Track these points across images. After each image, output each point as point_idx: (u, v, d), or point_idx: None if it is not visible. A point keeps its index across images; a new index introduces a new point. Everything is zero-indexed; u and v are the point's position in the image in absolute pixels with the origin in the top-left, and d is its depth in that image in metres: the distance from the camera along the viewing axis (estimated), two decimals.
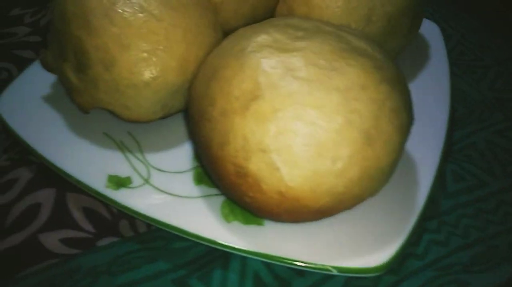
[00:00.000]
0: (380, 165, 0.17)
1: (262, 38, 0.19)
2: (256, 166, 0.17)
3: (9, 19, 0.35)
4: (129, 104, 0.23)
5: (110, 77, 0.22)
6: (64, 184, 0.23)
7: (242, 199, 0.19)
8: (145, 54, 0.21)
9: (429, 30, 0.34)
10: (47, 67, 0.25)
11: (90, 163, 0.23)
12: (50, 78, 0.27)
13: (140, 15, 0.22)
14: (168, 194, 0.22)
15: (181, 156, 0.24)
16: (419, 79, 0.30)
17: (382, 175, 0.18)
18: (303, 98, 0.17)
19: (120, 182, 0.22)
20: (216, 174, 0.19)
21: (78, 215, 0.22)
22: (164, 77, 0.22)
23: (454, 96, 0.31)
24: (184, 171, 0.23)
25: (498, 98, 0.31)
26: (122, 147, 0.24)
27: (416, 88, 0.29)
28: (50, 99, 0.26)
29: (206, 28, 0.24)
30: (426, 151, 0.24)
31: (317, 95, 0.17)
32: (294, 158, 0.17)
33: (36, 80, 0.27)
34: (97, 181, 0.22)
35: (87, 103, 0.23)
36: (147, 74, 0.22)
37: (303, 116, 0.17)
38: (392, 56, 0.28)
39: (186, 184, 0.22)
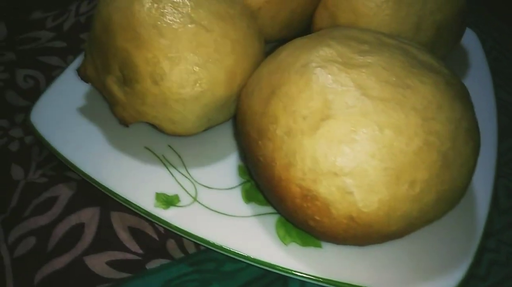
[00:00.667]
0: (456, 188, 0.17)
1: (325, 51, 0.18)
2: (326, 189, 0.16)
3: (30, 23, 0.34)
4: (176, 118, 0.22)
5: (159, 91, 0.20)
6: (107, 202, 0.22)
7: (305, 223, 0.18)
8: (196, 68, 0.20)
9: (467, 37, 0.33)
10: (86, 78, 0.23)
11: (135, 180, 0.22)
12: (84, 87, 0.26)
13: (190, 26, 0.21)
14: (218, 213, 0.21)
15: (226, 171, 0.23)
16: None
17: (456, 199, 0.17)
18: (379, 118, 0.16)
19: (168, 201, 0.21)
20: (277, 195, 0.18)
21: (124, 236, 0.21)
22: (212, 90, 0.21)
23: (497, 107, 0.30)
24: (232, 188, 0.22)
25: None
26: (165, 162, 0.23)
27: None
28: (85, 110, 0.25)
29: (252, 38, 0.23)
30: (479, 167, 0.23)
31: (394, 116, 0.16)
32: (370, 182, 0.16)
33: (70, 89, 0.26)
34: (145, 200, 0.21)
35: (130, 117, 0.22)
36: (197, 88, 0.21)
37: (380, 138, 0.16)
38: None
39: (235, 202, 0.21)
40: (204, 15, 0.21)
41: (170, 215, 0.20)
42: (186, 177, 0.22)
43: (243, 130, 0.20)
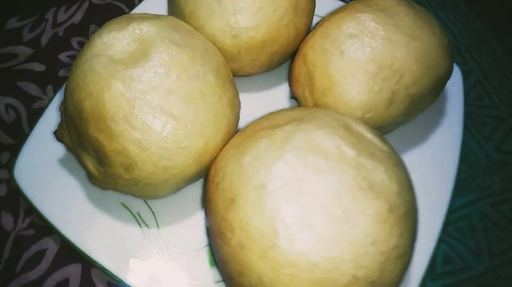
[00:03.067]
0: None
1: (283, 171, 0.19)
2: None
3: (6, 34, 0.33)
4: (148, 193, 0.23)
5: (129, 177, 0.22)
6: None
7: None
8: (166, 154, 0.22)
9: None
10: (62, 143, 0.24)
11: (108, 243, 0.24)
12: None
13: (160, 117, 0.21)
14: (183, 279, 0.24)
15: (196, 230, 0.26)
16: (429, 129, 0.30)
17: None
18: (316, 255, 0.18)
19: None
20: (230, 284, 0.21)
21: None
22: (182, 172, 0.23)
23: (461, 156, 0.31)
24: (199, 249, 0.25)
25: (502, 161, 0.32)
26: (139, 220, 0.26)
27: (425, 136, 0.29)
28: (65, 163, 0.26)
29: (225, 109, 0.24)
30: (422, 230, 0.26)
31: (330, 251, 0.18)
32: None
33: (49, 141, 0.27)
34: (117, 265, 0.24)
35: (105, 186, 0.24)
36: (167, 173, 0.22)
37: (315, 271, 0.18)
38: None
39: (201, 266, 0.24)
40: (175, 103, 0.22)
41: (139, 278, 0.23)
42: (159, 239, 0.25)
43: (208, 206, 0.22)
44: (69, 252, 0.25)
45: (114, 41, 0.22)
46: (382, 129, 0.27)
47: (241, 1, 0.26)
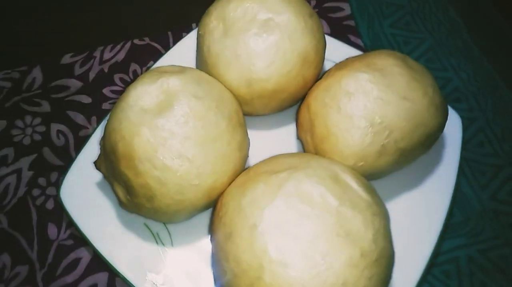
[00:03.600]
0: None
1: (272, 215, 0.23)
2: None
3: (61, 68, 0.39)
4: (165, 220, 0.28)
5: (150, 206, 0.27)
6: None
7: None
8: (180, 191, 0.26)
9: (450, 120, 0.35)
10: (100, 171, 0.30)
11: (131, 257, 0.29)
12: None
13: (177, 160, 0.26)
14: None
15: (204, 253, 0.30)
16: (422, 175, 0.32)
17: None
18: None
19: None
20: None
21: None
22: (194, 205, 0.27)
23: (455, 200, 0.34)
24: (206, 269, 0.29)
25: (495, 210, 0.33)
26: (157, 240, 0.30)
27: (415, 185, 0.32)
28: (101, 187, 0.32)
29: (233, 152, 0.28)
30: (408, 267, 0.28)
31: None
32: None
33: (90, 166, 0.32)
34: (136, 276, 0.28)
35: (131, 211, 0.29)
36: (180, 205, 0.27)
37: None
38: None
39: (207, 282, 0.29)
40: (189, 147, 0.26)
41: None
42: (172, 256, 0.30)
43: (212, 238, 0.26)
44: (99, 262, 0.30)
45: (145, 93, 0.27)
46: (374, 175, 0.30)
47: (255, 56, 0.31)
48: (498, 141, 0.36)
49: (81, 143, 0.35)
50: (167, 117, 0.26)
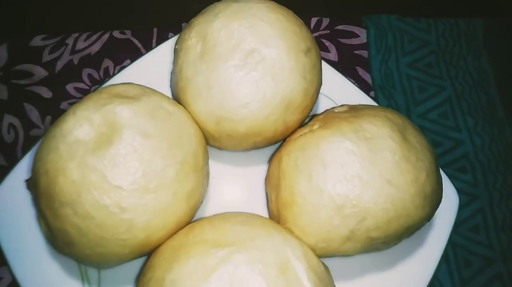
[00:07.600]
0: None
1: None
2: None
3: (29, 51, 0.35)
4: (88, 264, 0.25)
5: (69, 252, 0.23)
6: None
7: None
8: (102, 243, 0.22)
9: (445, 198, 0.30)
10: (29, 191, 0.26)
11: None
12: None
13: (103, 210, 0.22)
14: None
15: None
16: (397, 255, 0.28)
17: None
18: None
19: None
20: None
21: None
22: (119, 258, 0.24)
23: None
24: None
25: None
26: (84, 276, 0.27)
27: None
28: (31, 207, 0.28)
29: (179, 204, 0.24)
30: None
31: None
32: None
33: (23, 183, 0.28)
34: None
35: (53, 247, 0.25)
36: (102, 258, 0.23)
37: None
38: None
39: None
40: (123, 196, 0.22)
41: None
42: None
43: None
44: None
45: (85, 121, 0.23)
46: (338, 255, 0.26)
47: (229, 92, 0.26)
48: (496, 230, 0.31)
49: (30, 143, 0.31)
50: (102, 156, 0.22)
